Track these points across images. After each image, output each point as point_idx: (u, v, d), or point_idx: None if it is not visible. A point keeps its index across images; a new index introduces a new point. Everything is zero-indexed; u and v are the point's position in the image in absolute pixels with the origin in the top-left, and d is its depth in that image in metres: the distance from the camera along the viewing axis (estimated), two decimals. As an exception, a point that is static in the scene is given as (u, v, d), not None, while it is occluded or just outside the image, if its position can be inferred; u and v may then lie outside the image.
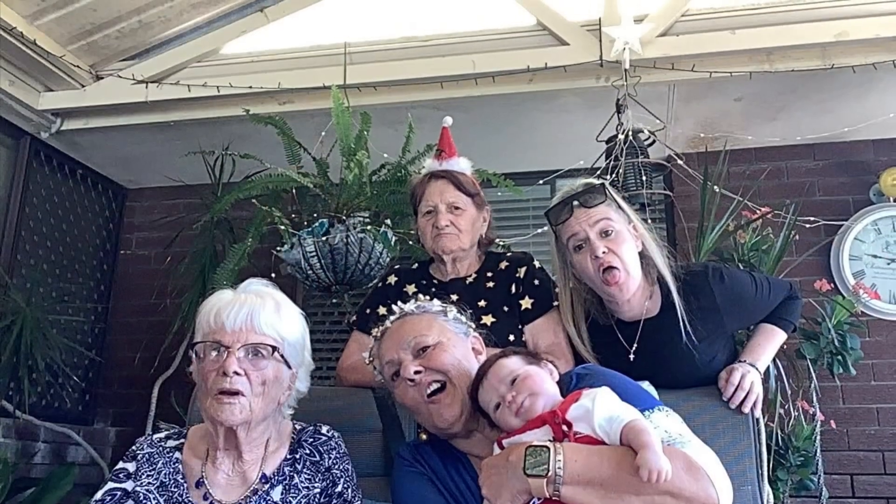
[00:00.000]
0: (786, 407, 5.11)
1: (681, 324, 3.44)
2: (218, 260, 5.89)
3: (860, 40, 5.42)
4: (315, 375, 3.14)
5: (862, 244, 6.41)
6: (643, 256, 3.50)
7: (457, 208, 3.83)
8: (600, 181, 3.54)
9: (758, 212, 5.58)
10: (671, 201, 6.46)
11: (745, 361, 3.50)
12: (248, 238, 5.01)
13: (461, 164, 4.01)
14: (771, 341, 3.65)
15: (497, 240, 4.22)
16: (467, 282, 3.85)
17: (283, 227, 4.74)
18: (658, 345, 3.49)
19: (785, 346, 3.98)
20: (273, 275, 4.77)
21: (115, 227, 7.81)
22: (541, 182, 6.08)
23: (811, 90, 5.89)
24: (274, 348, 2.82)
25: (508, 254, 4.05)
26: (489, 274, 3.86)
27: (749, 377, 3.40)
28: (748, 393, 3.35)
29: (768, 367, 4.56)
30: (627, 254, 3.40)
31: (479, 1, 6.09)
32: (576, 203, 3.44)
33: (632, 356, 3.51)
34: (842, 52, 5.50)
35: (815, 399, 5.24)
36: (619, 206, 3.49)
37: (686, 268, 3.63)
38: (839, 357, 5.18)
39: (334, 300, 6.15)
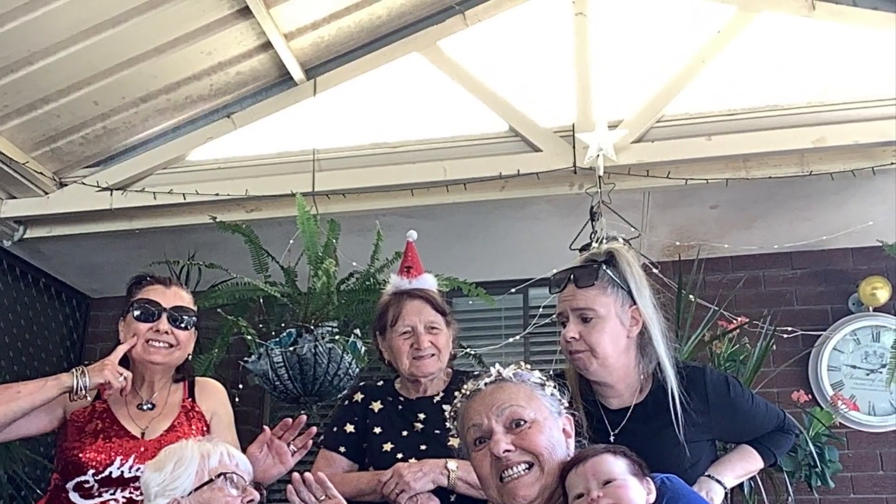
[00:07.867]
0: (763, 521, 5.04)
1: (671, 414, 3.29)
2: (184, 370, 5.82)
3: (838, 147, 5.41)
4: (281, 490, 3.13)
5: (841, 354, 6.35)
6: (643, 345, 3.38)
7: (434, 328, 3.78)
8: (599, 262, 3.38)
9: (734, 321, 5.56)
10: (646, 310, 6.39)
11: (710, 476, 3.40)
12: (215, 349, 5.04)
13: (429, 282, 3.96)
14: (744, 461, 3.54)
15: (469, 349, 4.15)
16: (434, 401, 3.78)
17: (249, 338, 4.73)
18: (646, 435, 3.32)
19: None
20: (240, 386, 4.72)
21: (78, 337, 7.71)
22: (513, 291, 6.11)
23: (789, 197, 5.86)
24: None
25: (476, 373, 3.96)
26: (457, 393, 3.77)
27: (711, 494, 3.32)
28: None
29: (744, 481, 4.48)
30: (601, 343, 3.28)
31: (451, 107, 6.07)
32: (572, 277, 3.34)
33: (612, 438, 3.34)
34: (820, 159, 5.48)
35: (791, 513, 5.17)
36: (619, 286, 3.35)
37: (685, 362, 3.54)
38: (817, 470, 5.16)
39: (303, 412, 6.08)
